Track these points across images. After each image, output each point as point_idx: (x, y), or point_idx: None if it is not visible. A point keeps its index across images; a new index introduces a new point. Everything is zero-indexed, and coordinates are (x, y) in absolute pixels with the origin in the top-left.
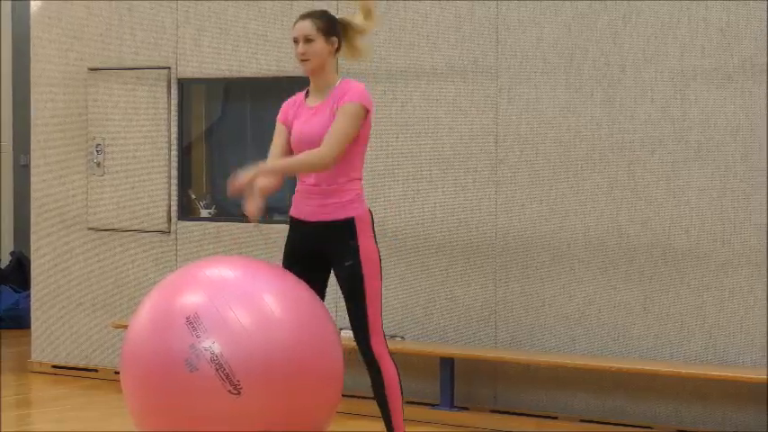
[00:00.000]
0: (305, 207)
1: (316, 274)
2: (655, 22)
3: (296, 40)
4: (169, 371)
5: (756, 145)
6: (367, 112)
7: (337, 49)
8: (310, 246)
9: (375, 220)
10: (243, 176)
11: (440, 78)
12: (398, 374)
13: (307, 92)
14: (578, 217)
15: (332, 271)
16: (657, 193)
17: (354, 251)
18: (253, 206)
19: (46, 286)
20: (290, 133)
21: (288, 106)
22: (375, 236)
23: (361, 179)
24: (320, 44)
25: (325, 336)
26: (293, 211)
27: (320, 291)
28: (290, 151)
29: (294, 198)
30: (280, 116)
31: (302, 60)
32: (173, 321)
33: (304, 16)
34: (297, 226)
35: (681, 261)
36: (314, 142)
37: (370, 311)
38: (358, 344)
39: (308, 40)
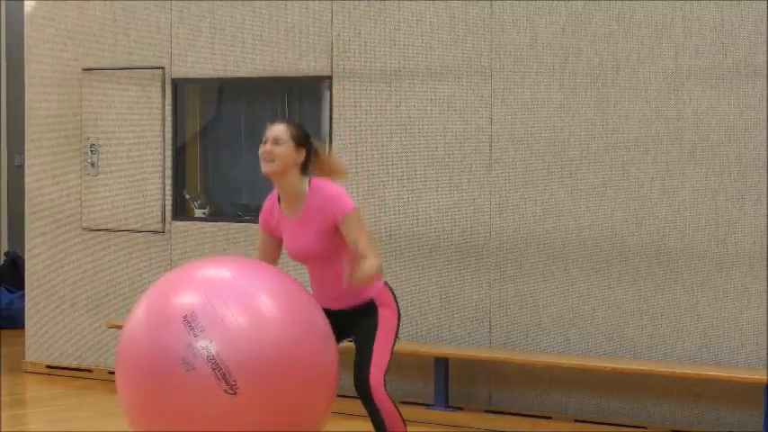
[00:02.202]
0: (325, 299)
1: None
2: (649, 22)
3: (264, 141)
4: (165, 369)
5: (751, 145)
6: (357, 209)
7: (304, 165)
8: (336, 322)
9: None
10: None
11: (434, 78)
12: (403, 420)
13: (278, 197)
14: (572, 217)
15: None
16: (652, 193)
17: (375, 319)
18: None
19: (40, 286)
20: (272, 239)
21: (266, 214)
22: (398, 309)
23: None
24: (288, 149)
25: (320, 336)
26: (316, 299)
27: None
28: (276, 255)
29: (312, 288)
30: (261, 221)
31: (266, 160)
32: (170, 320)
33: (281, 121)
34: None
35: (675, 261)
36: (311, 255)
37: (377, 352)
38: (356, 376)
39: (276, 141)
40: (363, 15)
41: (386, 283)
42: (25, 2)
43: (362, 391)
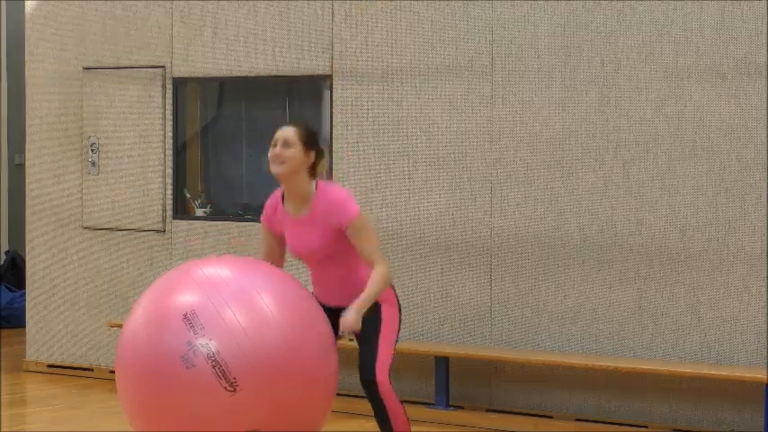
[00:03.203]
0: (327, 296)
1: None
2: (649, 21)
3: (274, 144)
4: (166, 367)
5: (751, 144)
6: (362, 214)
7: (313, 167)
8: (334, 320)
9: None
10: (352, 323)
11: (435, 77)
12: (407, 417)
13: (282, 195)
14: (573, 216)
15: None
16: (652, 191)
17: (377, 316)
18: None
19: (41, 285)
20: (275, 236)
21: (269, 210)
22: (400, 312)
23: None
24: (297, 151)
25: (320, 335)
26: (317, 297)
27: None
28: (280, 251)
29: (313, 286)
30: (263, 219)
31: (275, 163)
32: (170, 318)
33: (289, 124)
34: (322, 306)
35: (676, 260)
36: (315, 256)
37: (381, 348)
38: (362, 374)
39: (286, 144)
40: (364, 14)
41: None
42: (26, 1)
43: (369, 388)
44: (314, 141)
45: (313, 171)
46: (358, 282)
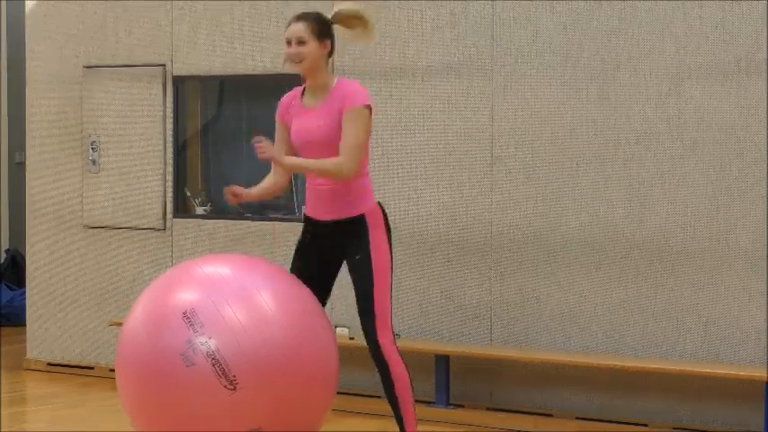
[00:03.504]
0: (316, 206)
1: (323, 272)
2: (650, 19)
3: (288, 42)
4: (166, 365)
5: (752, 142)
6: (371, 110)
7: (330, 52)
8: (322, 244)
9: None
10: (266, 148)
11: (435, 76)
12: (408, 372)
13: (303, 89)
14: (574, 214)
15: (340, 268)
16: (653, 190)
17: (365, 245)
18: (240, 190)
19: (41, 283)
20: (286, 129)
21: (285, 103)
22: (389, 233)
23: (368, 174)
24: (312, 46)
25: (320, 333)
26: (307, 210)
27: (326, 289)
28: (291, 148)
29: (306, 197)
30: (278, 113)
31: (294, 62)
32: (170, 317)
33: (297, 18)
34: (309, 223)
35: (676, 258)
36: (315, 144)
37: (378, 305)
38: (365, 337)
39: (300, 41)
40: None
41: (379, 203)
42: (26, 0)
43: (373, 348)
44: (326, 30)
45: (331, 56)
46: (350, 190)
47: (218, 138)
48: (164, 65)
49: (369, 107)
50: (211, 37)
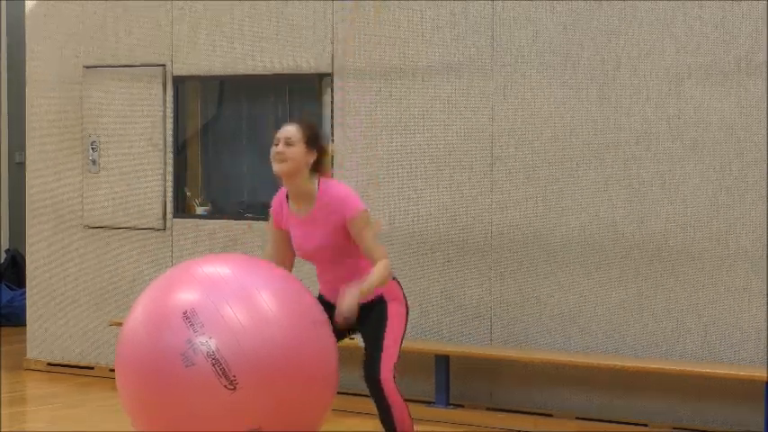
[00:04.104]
0: (333, 292)
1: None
2: (650, 19)
3: (276, 142)
4: (166, 365)
5: (752, 142)
6: (367, 211)
7: (315, 165)
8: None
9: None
10: (348, 303)
11: (435, 76)
12: (409, 414)
13: (286, 195)
14: (574, 215)
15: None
16: (653, 190)
17: (383, 311)
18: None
19: (41, 283)
20: (285, 235)
21: (276, 211)
22: (406, 303)
23: None
24: (299, 150)
25: (320, 333)
26: (322, 291)
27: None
28: (289, 252)
29: (319, 282)
30: (273, 220)
31: (277, 161)
32: (170, 317)
33: (293, 121)
34: (327, 304)
35: (676, 259)
36: (320, 254)
37: (386, 346)
38: (366, 374)
39: (288, 143)
40: (364, 13)
41: (394, 278)
42: (26, 0)
43: (373, 385)
44: (316, 139)
45: (315, 169)
46: (364, 278)
47: (218, 138)
48: (164, 65)
49: (366, 209)
50: (211, 37)
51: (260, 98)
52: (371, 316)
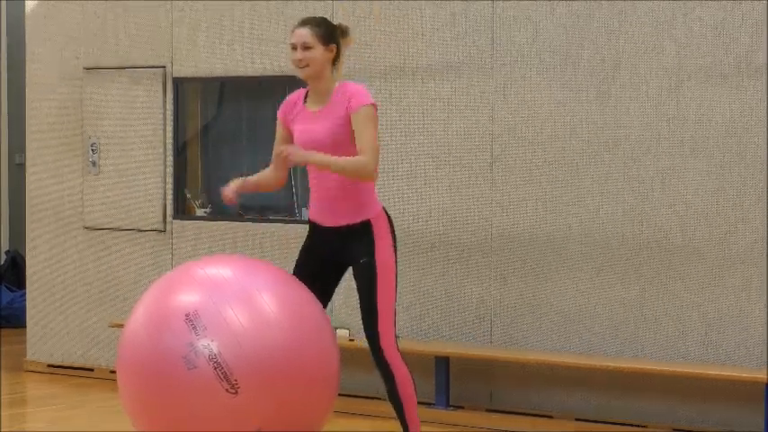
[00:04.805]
0: (321, 212)
1: (326, 275)
2: (650, 20)
3: (294, 47)
4: (167, 368)
5: (752, 143)
6: (376, 108)
7: (336, 57)
8: (326, 249)
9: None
10: (293, 150)
11: (435, 76)
12: (411, 375)
13: (306, 93)
14: (574, 215)
15: (344, 273)
16: (653, 190)
17: (370, 251)
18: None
19: (41, 285)
20: (290, 133)
21: (287, 106)
22: (395, 241)
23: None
24: (318, 51)
25: (321, 335)
26: (311, 215)
27: (328, 294)
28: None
29: (310, 203)
30: (281, 112)
31: (300, 67)
32: (172, 319)
33: (303, 23)
34: (314, 229)
35: (677, 259)
36: (320, 146)
37: (381, 310)
38: (368, 341)
39: (306, 47)
40: (364, 14)
41: (384, 209)
42: (26, 1)
43: (375, 354)
44: (332, 34)
45: (336, 60)
46: (356, 195)
47: (218, 139)
48: (164, 66)
49: (374, 105)
50: (211, 38)
51: (260, 99)
52: (356, 251)
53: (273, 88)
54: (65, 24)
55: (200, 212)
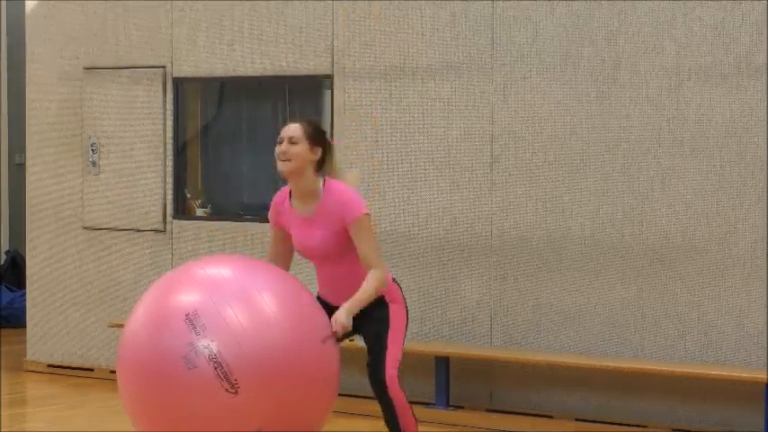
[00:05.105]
0: (333, 294)
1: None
2: (650, 20)
3: (280, 141)
4: (167, 368)
5: (752, 143)
6: (369, 215)
7: (320, 163)
8: None
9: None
10: (341, 323)
11: (435, 76)
12: (410, 406)
13: (289, 193)
14: (574, 216)
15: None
16: (653, 191)
17: (384, 314)
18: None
19: (41, 285)
20: (284, 235)
21: (275, 208)
22: (407, 309)
23: None
24: (303, 148)
25: (321, 334)
26: (321, 294)
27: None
28: (288, 253)
29: (318, 284)
30: (271, 216)
31: (281, 160)
32: (172, 319)
33: (295, 120)
34: (326, 306)
35: (676, 260)
36: (321, 254)
37: (390, 344)
38: (371, 375)
39: (292, 141)
40: (364, 14)
41: (394, 279)
42: (26, 1)
43: (377, 386)
44: (320, 137)
45: (320, 167)
46: (363, 282)
47: (218, 139)
48: (164, 66)
49: (368, 214)
50: (211, 39)
51: (260, 99)
52: (373, 317)
53: (273, 88)
54: (65, 24)
55: (200, 212)
